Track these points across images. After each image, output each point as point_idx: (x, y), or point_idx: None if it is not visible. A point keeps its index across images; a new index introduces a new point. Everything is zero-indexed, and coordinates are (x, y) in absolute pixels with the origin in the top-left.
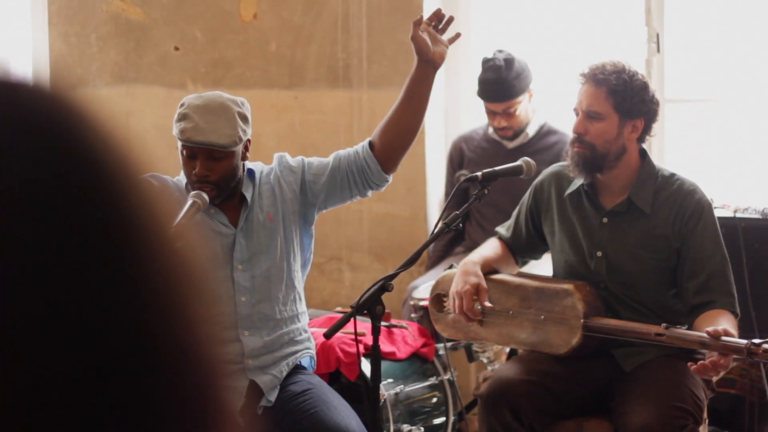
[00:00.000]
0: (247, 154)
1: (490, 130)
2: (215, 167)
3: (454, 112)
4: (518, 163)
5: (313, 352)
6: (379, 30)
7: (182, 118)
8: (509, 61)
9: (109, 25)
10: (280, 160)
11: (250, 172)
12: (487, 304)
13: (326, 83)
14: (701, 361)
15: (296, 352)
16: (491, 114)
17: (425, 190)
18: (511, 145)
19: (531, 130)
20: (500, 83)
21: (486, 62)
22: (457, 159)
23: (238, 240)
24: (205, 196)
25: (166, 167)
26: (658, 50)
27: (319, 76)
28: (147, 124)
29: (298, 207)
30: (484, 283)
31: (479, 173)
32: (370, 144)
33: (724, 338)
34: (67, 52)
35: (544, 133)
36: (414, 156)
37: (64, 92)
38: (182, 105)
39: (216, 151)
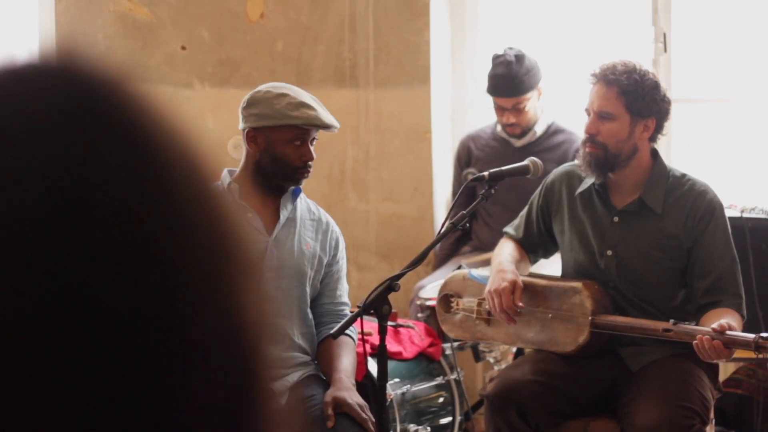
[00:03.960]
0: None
1: (498, 128)
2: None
3: (461, 112)
4: (525, 162)
5: None
6: (385, 30)
7: (300, 105)
8: (520, 57)
9: (116, 24)
10: (340, 234)
11: (296, 191)
12: (520, 303)
13: (333, 83)
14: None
15: (310, 369)
16: (500, 110)
17: (432, 190)
18: (518, 143)
19: (539, 129)
20: (510, 78)
21: (496, 58)
22: (465, 157)
23: (270, 248)
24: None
25: None
26: (665, 50)
27: (325, 76)
28: None
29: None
30: (520, 282)
31: (486, 173)
32: (319, 343)
33: (730, 332)
34: None
35: (552, 131)
36: (421, 156)
37: (120, 79)
38: (284, 95)
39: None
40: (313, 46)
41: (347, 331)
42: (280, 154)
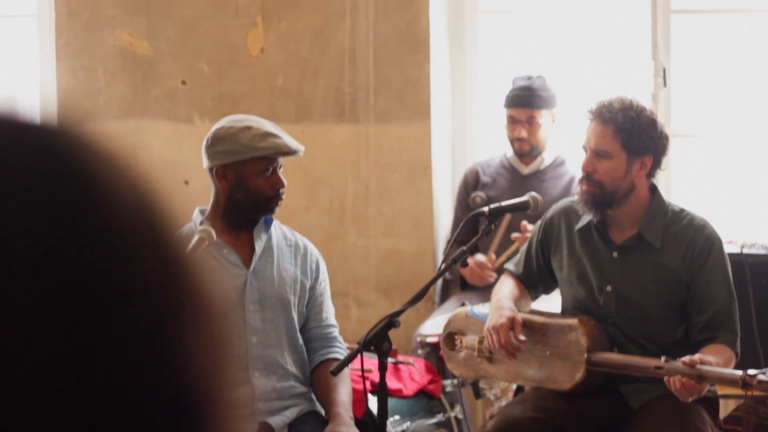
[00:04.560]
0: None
1: (508, 154)
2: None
3: (461, 147)
4: (525, 198)
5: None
6: (385, 63)
7: (266, 135)
8: (541, 78)
9: (116, 58)
10: (320, 256)
11: (268, 220)
12: (522, 337)
13: (333, 117)
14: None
15: (308, 404)
16: (512, 123)
17: (432, 225)
18: (526, 170)
19: (547, 158)
20: (528, 90)
21: (517, 77)
22: (472, 182)
23: (250, 281)
24: (212, 231)
25: (172, 202)
26: (665, 84)
27: (326, 111)
28: (154, 159)
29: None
30: (519, 317)
31: (486, 208)
32: (313, 369)
33: (715, 368)
34: (74, 85)
35: (558, 163)
36: (421, 191)
37: (81, 131)
38: (248, 128)
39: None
40: (313, 81)
41: (339, 354)
42: (254, 186)
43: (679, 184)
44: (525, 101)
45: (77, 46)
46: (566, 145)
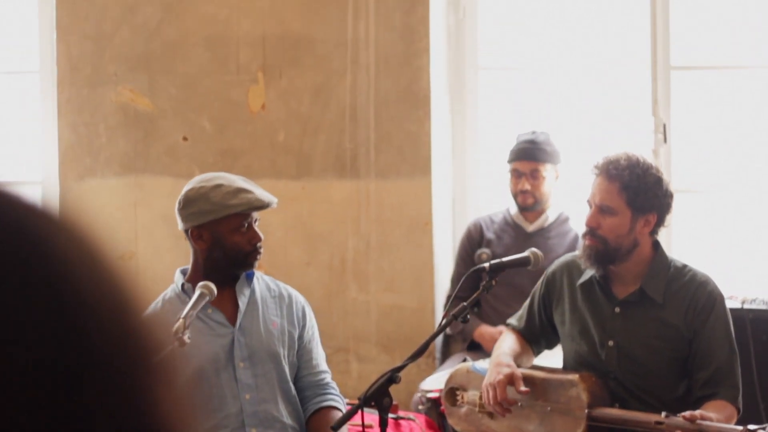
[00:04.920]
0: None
1: (512, 211)
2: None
3: (461, 203)
4: (526, 254)
5: None
6: (386, 119)
7: (237, 192)
8: (545, 133)
9: (117, 115)
10: (306, 303)
11: (250, 274)
12: (523, 388)
13: (334, 173)
14: None
15: None
16: (516, 176)
17: (433, 281)
18: (531, 228)
19: (551, 215)
20: (532, 144)
21: (521, 133)
22: (477, 237)
23: (237, 338)
24: (212, 286)
25: (173, 258)
26: (665, 140)
27: (326, 166)
28: (155, 215)
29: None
30: (518, 372)
31: (487, 264)
32: (308, 418)
33: (716, 424)
34: (76, 141)
35: (562, 219)
36: (421, 247)
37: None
38: (219, 186)
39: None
40: (314, 136)
41: (334, 401)
42: (230, 244)
43: (680, 239)
44: (529, 154)
45: (79, 102)
46: (569, 201)
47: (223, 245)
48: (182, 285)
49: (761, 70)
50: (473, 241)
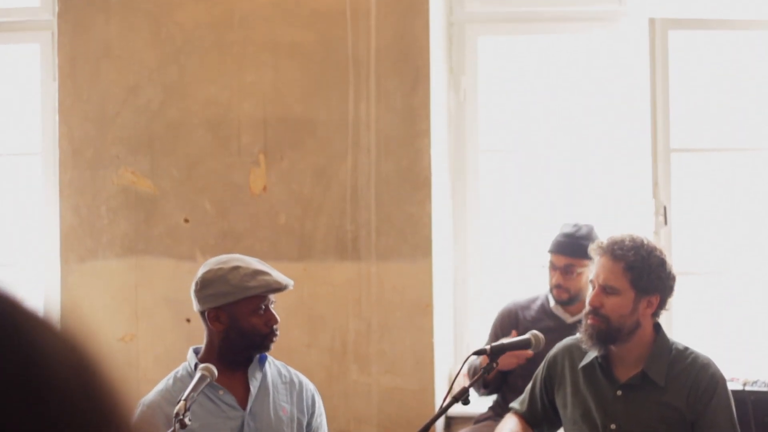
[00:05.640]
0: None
1: (551, 302)
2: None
3: (462, 285)
4: (527, 336)
5: None
6: (387, 201)
7: (255, 274)
8: (590, 228)
9: (119, 197)
10: (315, 390)
11: (263, 357)
12: None
13: (335, 255)
14: None
15: None
16: (552, 268)
17: (433, 364)
18: (570, 319)
19: None
20: (570, 238)
21: (566, 223)
22: (509, 324)
23: (247, 422)
24: (214, 369)
25: (174, 339)
26: (666, 223)
27: (327, 248)
28: (156, 296)
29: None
30: None
31: (488, 346)
32: None
33: None
34: (77, 223)
35: None
36: (422, 329)
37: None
38: (237, 268)
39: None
40: (315, 218)
41: None
42: (248, 326)
43: (681, 321)
44: (564, 248)
45: (80, 184)
46: None
47: (241, 327)
48: (195, 364)
49: (760, 152)
50: (506, 327)
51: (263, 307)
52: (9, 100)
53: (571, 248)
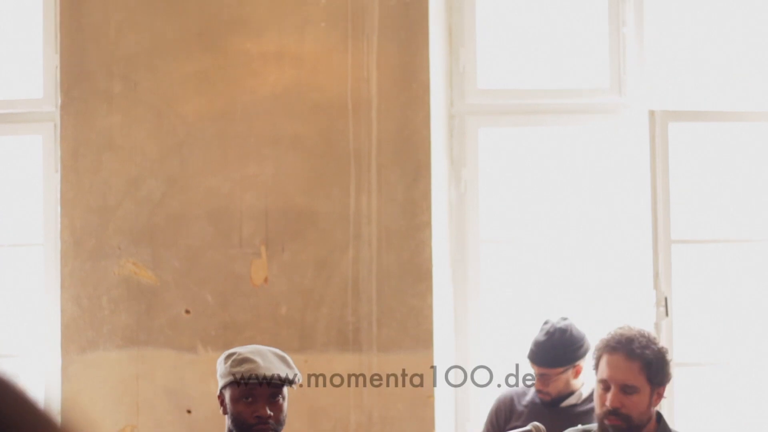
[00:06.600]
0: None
1: None
2: (275, 406)
3: (463, 376)
4: (528, 428)
5: None
6: (388, 293)
7: (243, 361)
8: (564, 330)
9: (120, 287)
10: None
11: None
12: None
13: (336, 347)
14: None
15: None
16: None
17: None
18: (563, 403)
19: (585, 391)
20: (544, 348)
21: (545, 324)
22: (506, 413)
23: None
24: None
25: (175, 431)
26: (667, 314)
27: (329, 340)
28: (157, 387)
29: None
30: None
31: None
32: None
33: None
34: (78, 314)
35: None
36: (423, 421)
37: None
38: (233, 354)
39: (276, 388)
40: (317, 310)
41: None
42: (235, 412)
43: (683, 412)
44: (536, 359)
45: (82, 275)
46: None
47: (231, 413)
48: None
49: (760, 243)
50: (501, 415)
51: (251, 396)
52: (11, 191)
53: (543, 359)
